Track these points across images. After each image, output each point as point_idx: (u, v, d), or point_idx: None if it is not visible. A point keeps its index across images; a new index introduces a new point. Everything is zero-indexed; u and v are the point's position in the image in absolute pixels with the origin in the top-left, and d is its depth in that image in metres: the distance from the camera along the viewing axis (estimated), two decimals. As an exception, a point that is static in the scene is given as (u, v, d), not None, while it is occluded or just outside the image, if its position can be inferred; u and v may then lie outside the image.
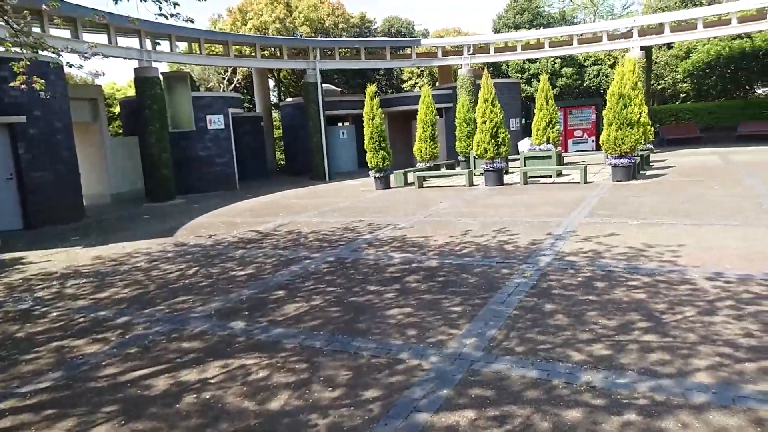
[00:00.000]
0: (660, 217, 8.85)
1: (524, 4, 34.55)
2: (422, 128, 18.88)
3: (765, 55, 25.47)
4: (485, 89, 14.81)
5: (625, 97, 13.74)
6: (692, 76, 28.18)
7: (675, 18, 21.41)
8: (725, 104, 27.30)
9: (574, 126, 26.19)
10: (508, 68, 30.69)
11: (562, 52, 24.33)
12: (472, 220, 9.94)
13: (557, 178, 15.88)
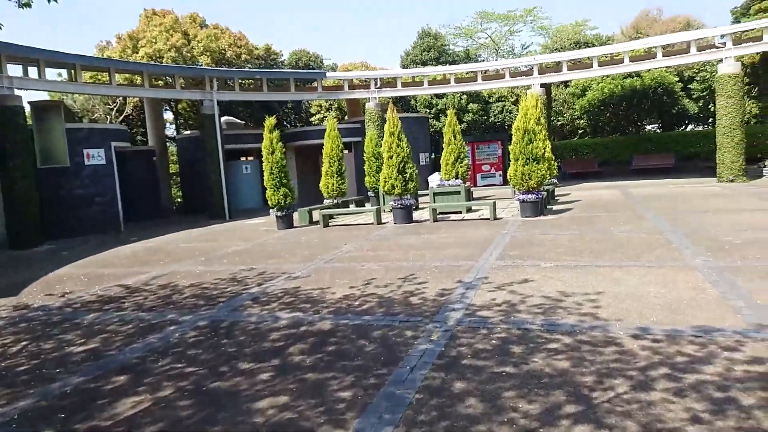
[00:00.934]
0: (573, 258, 8.31)
1: (430, 41, 35.10)
2: (328, 163, 17.91)
3: (653, 93, 27.17)
4: (391, 123, 14.12)
5: (530, 132, 13.55)
6: (588, 113, 29.55)
7: (571, 57, 22.22)
8: (620, 139, 28.76)
9: (482, 160, 26.38)
10: (417, 103, 30.73)
11: (468, 88, 24.55)
12: (377, 265, 8.94)
13: (467, 214, 15.40)
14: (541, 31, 38.17)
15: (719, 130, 18.81)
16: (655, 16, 33.82)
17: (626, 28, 33.92)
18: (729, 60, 18.53)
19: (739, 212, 11.78)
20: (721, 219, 10.99)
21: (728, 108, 18.49)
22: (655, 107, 28.09)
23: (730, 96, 18.38)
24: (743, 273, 6.76)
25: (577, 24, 34.38)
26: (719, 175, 18.90)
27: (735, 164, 18.44)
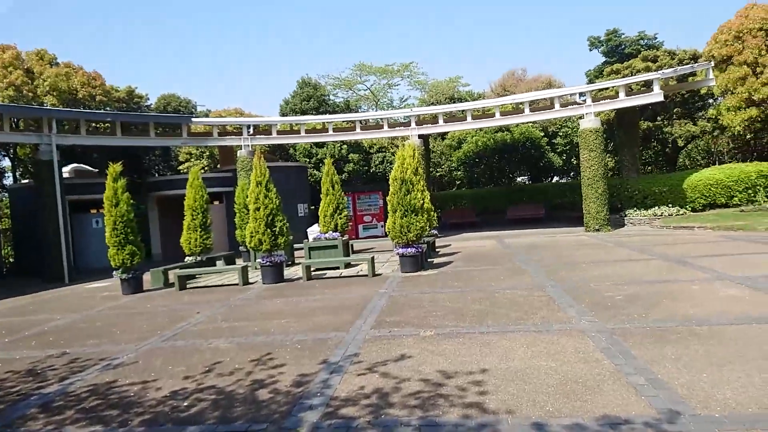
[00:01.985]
0: (455, 323, 7.33)
1: (310, 91, 34.55)
2: (191, 215, 15.96)
3: (522, 146, 28.50)
4: (258, 171, 12.72)
5: (407, 182, 12.86)
6: (465, 165, 30.31)
7: (447, 110, 22.52)
8: (495, 190, 29.70)
9: (363, 211, 25.63)
10: (296, 152, 29.62)
11: (346, 137, 23.94)
12: (228, 342, 7.32)
13: (345, 270, 14.22)
14: (418, 86, 39.38)
15: (584, 181, 19.69)
16: (520, 76, 36.33)
17: (495, 86, 35.97)
18: (590, 116, 19.66)
19: (612, 263, 11.76)
20: (598, 271, 10.81)
21: (591, 161, 19.46)
22: (524, 160, 29.47)
23: (592, 149, 19.39)
24: (633, 336, 6.15)
25: (450, 80, 35.83)
26: (586, 225, 19.64)
27: (600, 214, 19.28)
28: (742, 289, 8.15)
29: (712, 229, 16.97)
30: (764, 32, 21.12)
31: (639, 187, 21.84)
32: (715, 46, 22.20)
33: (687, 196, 20.62)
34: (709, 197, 20.46)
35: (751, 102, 20.95)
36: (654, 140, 29.74)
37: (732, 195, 20.33)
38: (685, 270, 10.19)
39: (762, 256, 11.23)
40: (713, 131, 26.83)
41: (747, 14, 21.63)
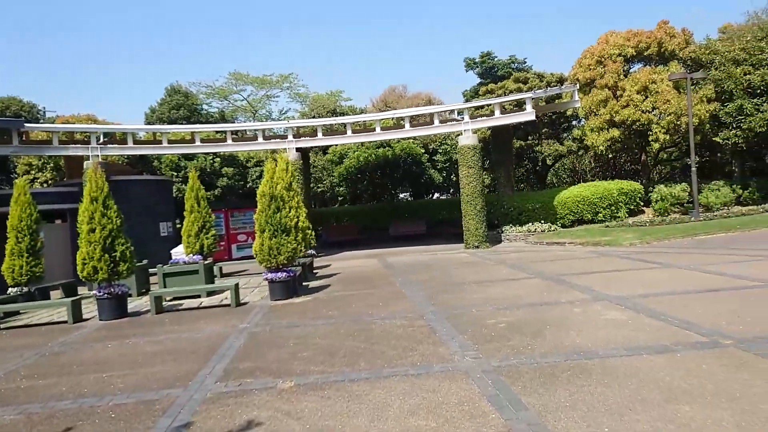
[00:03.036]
0: (321, 368, 6.12)
1: (180, 99, 31.86)
2: (15, 238, 13.24)
3: (404, 162, 28.25)
4: (93, 185, 10.62)
5: (277, 198, 11.50)
6: (347, 181, 29.46)
7: (326, 123, 21.49)
8: (377, 207, 29.14)
9: (237, 230, 23.67)
10: (162, 165, 26.85)
11: (216, 149, 21.98)
12: (16, 413, 5.47)
13: (207, 298, 12.46)
14: (299, 98, 38.09)
15: (463, 198, 19.59)
16: (401, 92, 36.50)
17: (376, 101, 35.75)
18: (468, 133, 19.65)
19: (492, 284, 11.29)
20: (479, 293, 10.22)
21: (469, 177, 19.42)
22: (406, 176, 29.27)
23: (471, 166, 19.36)
24: (521, 377, 5.35)
25: (332, 94, 35.01)
26: (466, 242, 19.51)
27: (479, 231, 19.24)
28: (622, 311, 7.84)
29: (582, 245, 17.51)
30: (622, 58, 22.68)
31: (514, 204, 22.32)
32: (579, 69, 23.48)
33: (557, 213, 21.37)
34: (577, 213, 21.36)
35: (613, 123, 22.33)
36: (526, 158, 31.07)
37: (597, 211, 21.40)
38: (564, 290, 9.89)
39: (631, 273, 11.37)
40: (578, 151, 28.54)
41: (607, 40, 23.16)
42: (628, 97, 21.83)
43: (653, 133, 22.03)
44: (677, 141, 24.30)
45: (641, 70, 22.85)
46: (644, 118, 21.56)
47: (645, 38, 22.80)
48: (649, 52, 22.83)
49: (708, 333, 6.40)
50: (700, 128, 21.47)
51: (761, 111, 20.33)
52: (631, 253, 14.64)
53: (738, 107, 20.86)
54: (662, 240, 16.70)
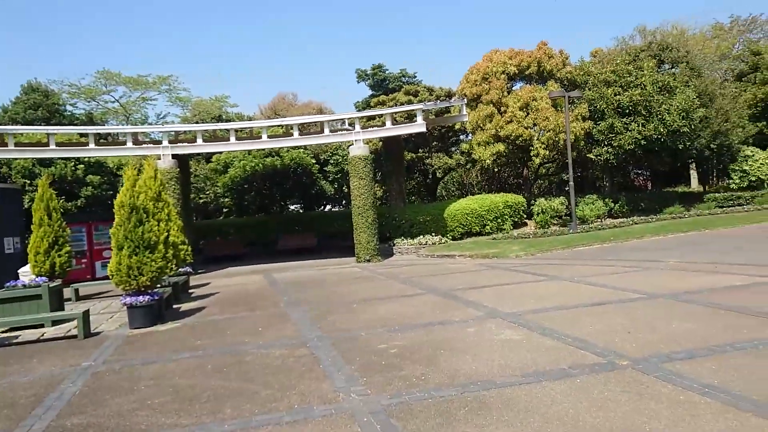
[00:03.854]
0: (174, 423, 4.97)
1: (38, 98, 28.21)
2: None
3: (294, 173, 27.09)
4: None
5: (140, 210, 9.98)
6: (232, 191, 27.68)
7: (207, 128, 19.86)
8: (265, 219, 27.62)
9: (103, 245, 21.06)
10: (11, 171, 23.35)
11: (76, 154, 19.47)
12: None
13: (53, 328, 10.52)
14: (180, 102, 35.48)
15: (354, 210, 18.93)
16: (291, 100, 35.31)
17: (265, 109, 34.27)
18: (359, 143, 19.06)
19: (383, 301, 10.61)
20: (370, 313, 9.47)
21: (361, 189, 18.81)
22: (296, 187, 28.13)
23: (362, 177, 18.77)
24: (415, 418, 4.62)
25: (216, 99, 32.98)
26: (357, 255, 18.84)
27: (370, 244, 18.65)
28: (516, 330, 7.46)
29: (471, 258, 17.53)
30: (506, 75, 23.42)
31: (406, 216, 22.08)
32: (466, 85, 23.92)
33: (448, 225, 21.43)
34: (466, 226, 21.56)
35: (498, 138, 22.92)
36: (416, 171, 31.25)
37: (485, 224, 21.76)
38: (457, 307, 9.45)
39: (521, 286, 11.27)
40: (466, 164, 29.18)
41: (491, 58, 23.83)
42: (512, 113, 22.57)
43: (534, 149, 22.93)
44: (555, 157, 25.60)
45: (523, 88, 23.78)
46: (526, 133, 22.39)
47: (526, 57, 23.80)
48: (530, 71, 23.84)
49: (603, 352, 6.13)
50: (575, 145, 22.69)
51: (629, 130, 21.91)
52: (519, 266, 14.77)
53: (609, 126, 22.33)
54: (545, 252, 17.16)
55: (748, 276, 10.25)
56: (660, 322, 7.29)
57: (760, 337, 6.28)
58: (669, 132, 21.50)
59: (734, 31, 33.22)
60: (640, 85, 22.10)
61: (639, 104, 21.85)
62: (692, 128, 21.88)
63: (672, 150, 22.79)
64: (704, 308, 7.93)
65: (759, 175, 24.05)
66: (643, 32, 26.47)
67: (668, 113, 21.37)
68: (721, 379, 5.06)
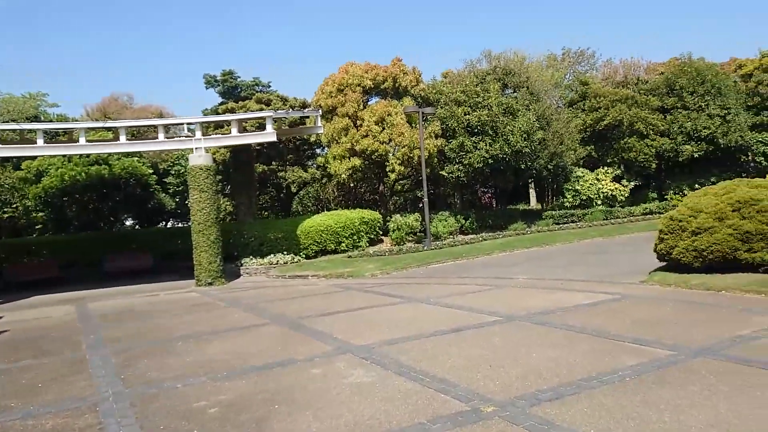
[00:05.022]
0: None
1: None
2: None
3: (126, 184, 23.83)
4: None
5: None
6: (48, 204, 23.54)
7: (7, 128, 16.37)
8: (90, 237, 23.86)
9: None
10: None
11: None
12: None
13: None
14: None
15: (194, 227, 16.79)
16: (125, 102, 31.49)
17: (92, 110, 30.09)
18: (200, 151, 17.01)
19: (216, 337, 8.95)
20: (195, 354, 7.79)
21: (202, 203, 16.74)
22: (130, 200, 24.80)
23: (203, 190, 16.72)
24: None
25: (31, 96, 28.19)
26: (197, 278, 16.70)
27: (213, 265, 16.62)
28: (369, 369, 6.38)
29: (325, 277, 16.38)
30: (362, 89, 22.87)
31: (255, 233, 20.28)
32: (321, 96, 22.95)
33: (301, 243, 20.08)
34: (320, 243, 20.40)
35: (354, 152, 22.20)
36: (270, 185, 29.49)
37: (340, 241, 20.79)
38: (303, 340, 8.15)
39: (376, 310, 10.33)
40: (322, 178, 28.14)
41: (347, 70, 23.16)
42: (368, 127, 22.04)
43: (390, 164, 22.62)
44: (410, 173, 25.65)
45: (379, 103, 23.44)
46: (382, 148, 21.98)
47: (382, 72, 23.52)
48: (385, 85, 23.60)
49: (466, 396, 5.25)
50: (429, 161, 22.81)
51: (478, 149, 22.54)
52: (374, 286, 13.92)
53: (460, 144, 22.78)
54: (401, 270, 16.60)
55: (592, 293, 10.36)
56: (521, 351, 6.69)
57: (620, 366, 5.88)
58: (513, 152, 22.49)
59: (566, 63, 36.77)
60: (487, 106, 22.91)
61: (486, 124, 22.61)
62: (533, 149, 23.16)
63: (515, 169, 23.93)
64: (561, 332, 7.56)
65: (589, 194, 26.27)
66: (489, 56, 27.86)
67: (512, 134, 22.36)
68: (597, 427, 4.38)
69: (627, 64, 31.57)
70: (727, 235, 10.16)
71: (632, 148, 26.18)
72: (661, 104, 27.34)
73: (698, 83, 26.69)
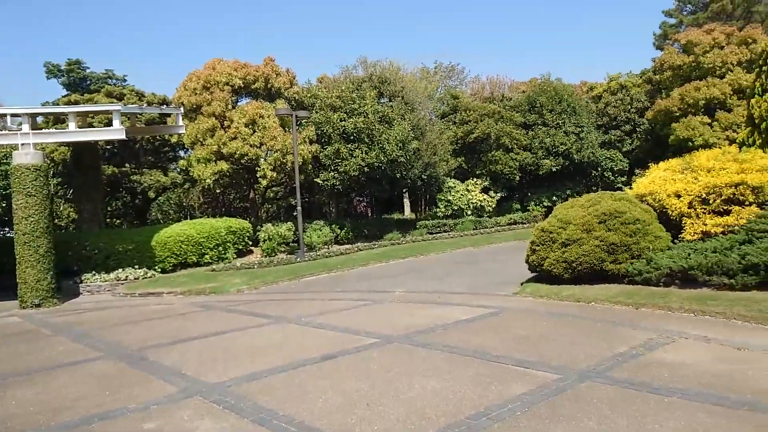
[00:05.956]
0: None
1: None
2: None
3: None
4: None
5: None
6: None
7: None
8: None
9: None
10: None
11: None
12: None
13: None
14: None
15: (18, 238, 14.03)
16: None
17: None
18: (28, 147, 14.30)
19: (27, 378, 7.09)
20: (-10, 407, 5.96)
21: (30, 209, 14.03)
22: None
23: (31, 194, 14.04)
24: None
25: None
26: (22, 299, 13.95)
27: (42, 283, 13.97)
28: (219, 419, 5.18)
29: (184, 294, 14.56)
30: (230, 87, 21.18)
31: (101, 244, 17.63)
32: (184, 93, 20.93)
33: (157, 255, 17.84)
34: (180, 256, 18.31)
35: (221, 155, 20.43)
36: (123, 189, 26.35)
37: (204, 253, 18.87)
38: (141, 380, 6.66)
39: (238, 335, 9.02)
40: (184, 183, 25.73)
41: (214, 67, 21.37)
42: (236, 129, 20.41)
43: (261, 170, 21.16)
44: (283, 179, 24.33)
45: (250, 104, 21.90)
46: (252, 152, 20.46)
47: (253, 71, 22.03)
48: (257, 86, 22.13)
49: (340, 450, 4.29)
50: (303, 168, 21.72)
51: (354, 156, 21.89)
52: (240, 303, 12.50)
53: (336, 151, 21.98)
54: (271, 284, 15.29)
55: (470, 307, 10.00)
56: (402, 382, 5.90)
57: (509, 395, 5.32)
58: (389, 161, 22.19)
59: (438, 76, 37.82)
60: (363, 114, 22.40)
61: (363, 132, 22.08)
62: (408, 158, 23.08)
63: (391, 178, 23.68)
64: (443, 355, 6.92)
65: (460, 205, 26.87)
66: (364, 64, 27.53)
67: (388, 143, 22.06)
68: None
69: (493, 81, 33.14)
70: (594, 247, 10.36)
71: (499, 161, 27.27)
72: (524, 120, 28.91)
73: (556, 102, 28.62)
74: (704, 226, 10.50)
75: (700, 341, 6.84)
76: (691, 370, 5.78)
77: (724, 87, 26.02)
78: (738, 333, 7.06)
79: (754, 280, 8.37)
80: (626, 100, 30.94)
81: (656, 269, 9.69)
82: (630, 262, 10.14)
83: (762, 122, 12.66)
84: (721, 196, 10.39)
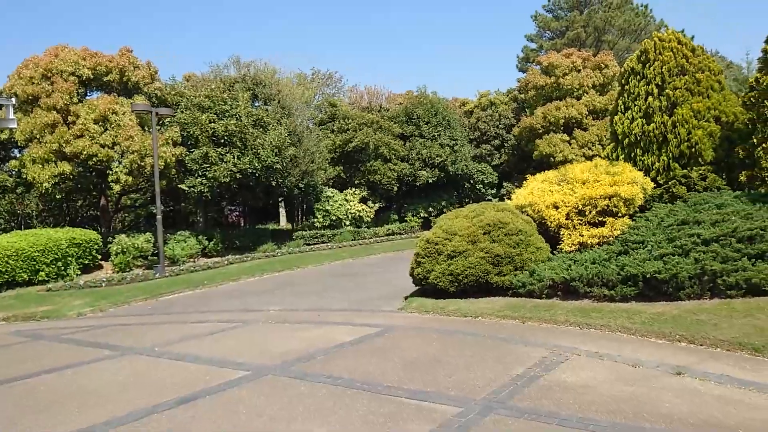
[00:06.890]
0: None
1: None
2: None
3: None
4: None
5: None
6: None
7: None
8: None
9: None
10: None
11: None
12: None
13: None
14: None
15: None
16: None
17: None
18: None
19: None
20: None
21: None
22: None
23: None
24: None
25: None
26: None
27: None
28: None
29: (6, 321, 11.99)
30: (77, 78, 18.42)
31: None
32: (19, 81, 17.86)
33: (-25, 273, 14.69)
34: (7, 273, 15.28)
35: (64, 156, 17.60)
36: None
37: (39, 269, 15.95)
38: None
39: (67, 373, 7.25)
40: (17, 188, 21.99)
41: (57, 54, 18.46)
42: (83, 125, 17.70)
43: (114, 173, 18.59)
44: (142, 185, 21.75)
45: (101, 98, 19.20)
46: (103, 153, 17.87)
47: (106, 62, 19.38)
48: (110, 78, 19.50)
49: None
50: (166, 173, 19.48)
51: (225, 161, 20.13)
52: (78, 331, 10.43)
53: (204, 154, 20.04)
54: (122, 305, 13.18)
55: (353, 326, 9.13)
56: (278, 430, 4.80)
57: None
58: (263, 167, 20.74)
59: (315, 83, 36.89)
60: (235, 116, 20.74)
61: (234, 135, 20.40)
62: (284, 165, 21.80)
63: (266, 186, 22.22)
64: (327, 389, 5.92)
65: (338, 215, 26.06)
66: (237, 63, 25.81)
67: (263, 148, 20.62)
68: None
69: (371, 91, 33.00)
70: (480, 259, 10.03)
71: (377, 171, 26.97)
72: (402, 131, 28.99)
73: (432, 114, 29.09)
74: (581, 237, 10.67)
75: (594, 358, 6.58)
76: (595, 393, 5.38)
77: (581, 108, 28.19)
78: (626, 347, 6.93)
79: (633, 291, 8.46)
80: (495, 116, 32.44)
81: (539, 281, 9.56)
82: (514, 274, 9.94)
83: (624, 138, 13.42)
84: (596, 207, 10.64)
